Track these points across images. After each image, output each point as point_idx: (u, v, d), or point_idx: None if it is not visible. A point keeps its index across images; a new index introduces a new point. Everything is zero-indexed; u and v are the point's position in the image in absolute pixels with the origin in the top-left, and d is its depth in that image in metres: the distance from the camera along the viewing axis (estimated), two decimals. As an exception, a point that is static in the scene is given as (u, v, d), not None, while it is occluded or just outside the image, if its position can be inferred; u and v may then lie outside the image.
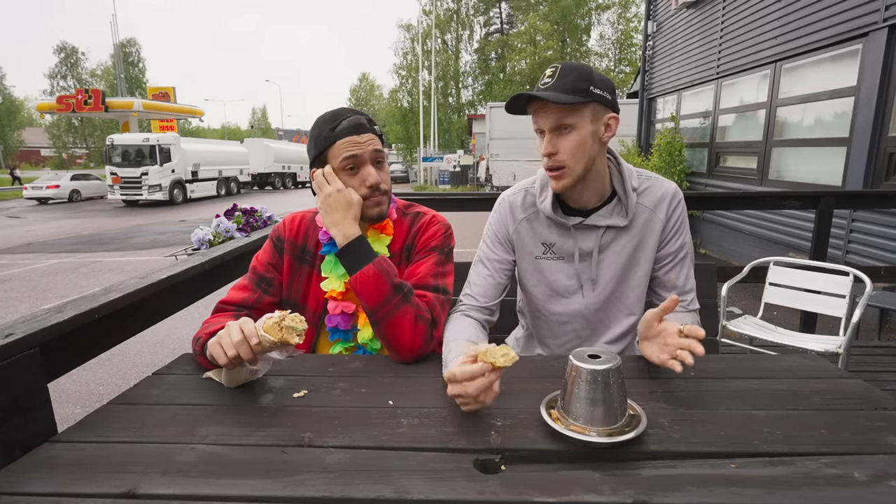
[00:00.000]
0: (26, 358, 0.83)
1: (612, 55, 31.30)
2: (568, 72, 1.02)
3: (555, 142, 1.06)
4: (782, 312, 3.31)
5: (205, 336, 1.00)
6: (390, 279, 1.05)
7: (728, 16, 6.34)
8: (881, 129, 4.08)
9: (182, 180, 16.71)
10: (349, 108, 1.17)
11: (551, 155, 1.06)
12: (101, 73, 41.30)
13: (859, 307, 2.19)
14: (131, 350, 3.73)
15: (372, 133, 1.14)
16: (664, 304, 0.92)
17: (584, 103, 1.02)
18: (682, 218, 1.18)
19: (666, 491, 0.64)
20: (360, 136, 1.12)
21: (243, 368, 0.92)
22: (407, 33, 32.47)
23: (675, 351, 0.88)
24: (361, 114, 1.16)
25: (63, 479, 0.69)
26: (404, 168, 30.03)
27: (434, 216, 1.24)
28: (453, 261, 1.22)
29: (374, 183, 1.12)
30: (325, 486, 0.65)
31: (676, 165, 7.34)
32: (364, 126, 1.13)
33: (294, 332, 0.87)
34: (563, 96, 1.01)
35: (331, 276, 1.17)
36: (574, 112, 1.03)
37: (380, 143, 1.16)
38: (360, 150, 1.11)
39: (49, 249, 8.51)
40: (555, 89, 1.01)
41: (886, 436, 0.75)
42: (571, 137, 1.05)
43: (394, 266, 1.09)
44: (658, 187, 1.17)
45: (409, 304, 1.05)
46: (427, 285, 1.13)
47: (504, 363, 0.76)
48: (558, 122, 1.04)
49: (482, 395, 0.78)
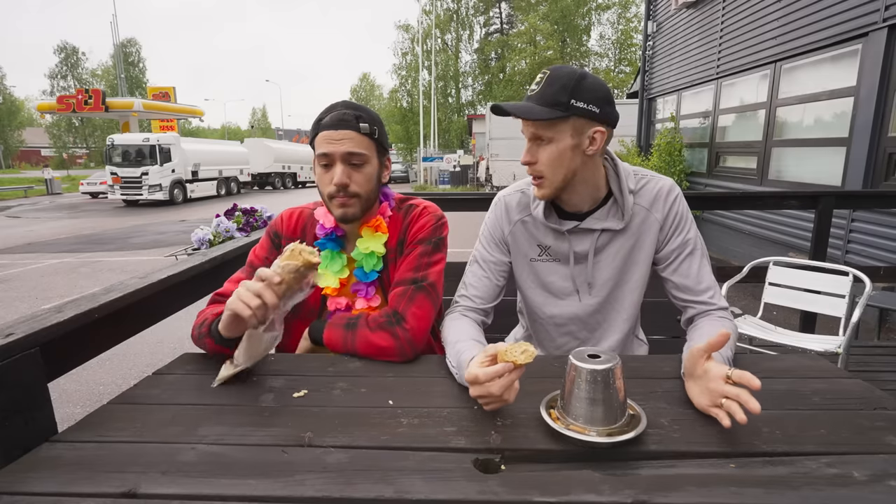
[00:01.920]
0: (26, 358, 0.82)
1: (612, 55, 31.31)
2: (553, 81, 0.99)
3: (534, 151, 1.05)
4: (782, 312, 3.30)
5: (211, 317, 1.00)
6: (339, 325, 1.10)
7: (728, 16, 6.34)
8: (881, 129, 4.08)
9: (182, 180, 16.70)
10: (349, 101, 1.14)
11: (530, 164, 1.06)
12: (102, 73, 41.31)
13: (859, 307, 2.19)
14: (131, 350, 3.73)
15: (353, 130, 1.09)
16: (712, 340, 0.80)
17: (563, 118, 0.99)
18: (680, 213, 1.12)
19: (666, 491, 0.64)
20: (336, 133, 1.08)
21: (264, 334, 0.93)
22: (406, 33, 32.49)
23: (720, 399, 0.77)
24: (357, 108, 1.12)
25: (63, 478, 0.69)
26: (404, 168, 30.03)
27: (425, 207, 1.22)
28: (445, 250, 1.20)
29: (337, 182, 1.09)
30: (325, 485, 0.66)
31: (676, 165, 7.34)
32: (347, 122, 1.09)
33: (311, 252, 0.90)
34: (536, 110, 0.98)
35: (326, 272, 1.17)
36: (551, 126, 1.01)
37: (365, 141, 1.11)
38: (333, 148, 1.09)
39: (49, 249, 8.51)
40: (536, 100, 0.99)
41: (886, 436, 0.75)
42: (549, 150, 1.03)
43: (339, 315, 1.14)
44: (654, 185, 1.13)
45: (360, 327, 1.08)
46: (404, 280, 1.13)
47: (525, 360, 0.76)
48: (536, 135, 1.03)
49: (506, 393, 0.78)
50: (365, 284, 1.18)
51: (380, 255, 1.17)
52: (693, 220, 1.15)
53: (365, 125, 1.10)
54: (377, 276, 1.18)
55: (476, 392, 0.80)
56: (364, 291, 1.18)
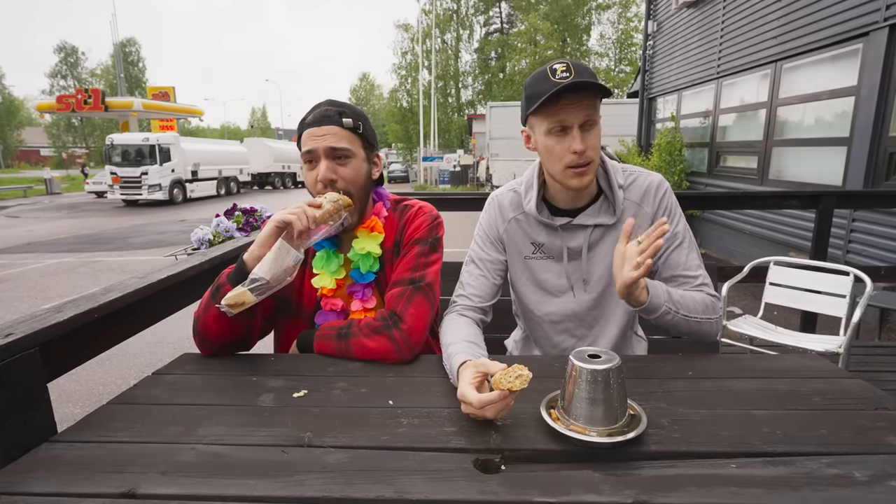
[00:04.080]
0: (26, 358, 0.82)
1: (612, 55, 31.28)
2: (580, 68, 1.00)
3: (584, 138, 1.02)
4: (782, 312, 3.30)
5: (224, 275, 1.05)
6: (330, 336, 1.09)
7: (728, 15, 6.34)
8: (881, 129, 4.08)
9: (182, 180, 16.69)
10: (333, 100, 1.14)
11: (583, 151, 1.02)
12: (101, 72, 41.29)
13: (859, 307, 2.19)
14: (131, 350, 3.73)
15: (336, 125, 1.08)
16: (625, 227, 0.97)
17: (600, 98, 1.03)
18: (669, 207, 1.14)
19: (666, 491, 0.64)
20: (319, 129, 1.08)
21: (292, 249, 0.99)
22: (405, 33, 32.46)
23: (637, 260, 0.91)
24: (341, 105, 1.12)
25: (63, 479, 0.69)
26: (404, 168, 30.00)
27: (420, 207, 1.22)
28: (441, 250, 1.20)
29: (322, 178, 1.08)
30: (325, 486, 0.65)
31: (676, 165, 7.34)
32: (329, 118, 1.08)
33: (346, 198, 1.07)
34: (606, 87, 1.00)
35: (322, 273, 1.17)
36: (597, 106, 1.04)
37: (348, 136, 1.10)
38: (315, 144, 1.08)
39: (49, 249, 8.51)
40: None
41: (886, 436, 0.75)
42: (595, 132, 1.04)
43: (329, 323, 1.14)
44: (643, 180, 1.15)
45: (353, 336, 1.07)
46: (402, 280, 1.13)
47: (521, 386, 0.75)
48: (589, 117, 1.02)
49: (500, 414, 0.79)
50: (361, 286, 1.17)
51: (376, 255, 1.17)
52: (682, 214, 1.17)
53: (348, 119, 1.10)
54: (374, 278, 1.18)
55: (468, 411, 0.80)
56: (360, 293, 1.17)
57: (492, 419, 0.79)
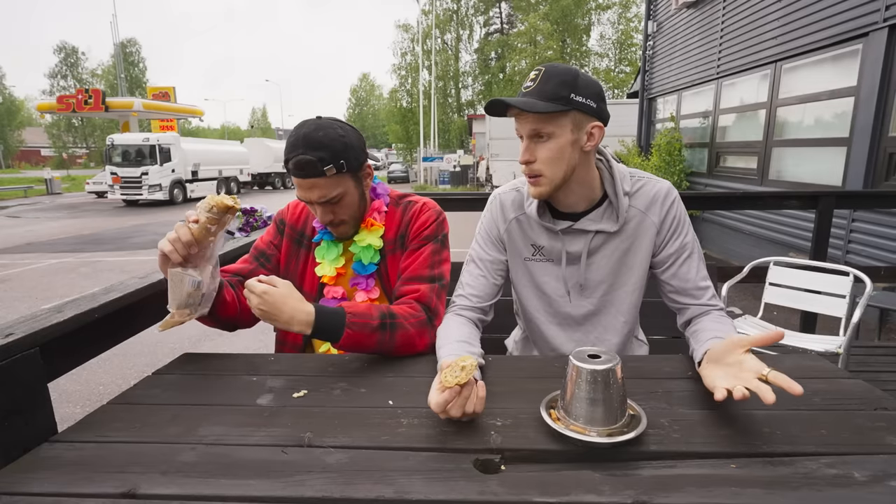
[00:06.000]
0: (26, 358, 0.82)
1: (612, 55, 31.26)
2: (550, 76, 0.98)
3: (532, 149, 1.03)
4: (782, 312, 3.30)
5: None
6: (369, 326, 1.03)
7: (728, 16, 6.34)
8: (881, 129, 4.08)
9: (182, 180, 16.69)
10: (309, 134, 1.06)
11: (528, 163, 1.04)
12: (102, 72, 41.29)
13: (859, 307, 2.18)
14: (131, 350, 3.72)
15: (319, 177, 1.06)
16: (761, 335, 0.81)
17: (564, 112, 0.98)
18: (678, 217, 1.12)
19: (666, 491, 0.64)
20: (304, 181, 1.08)
21: (185, 275, 0.96)
22: (405, 33, 32.44)
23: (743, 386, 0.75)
24: (318, 146, 1.05)
25: (63, 479, 0.69)
26: (404, 168, 30.02)
27: (425, 203, 1.25)
28: (449, 247, 1.24)
29: (322, 223, 1.18)
30: (325, 486, 0.65)
31: (676, 165, 7.34)
32: (312, 168, 1.05)
33: (229, 198, 0.96)
34: (539, 104, 0.97)
35: (324, 262, 1.21)
36: (552, 120, 0.99)
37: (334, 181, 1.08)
38: (307, 196, 1.12)
39: (49, 249, 8.51)
40: (535, 95, 0.98)
41: (886, 436, 0.75)
42: (549, 146, 1.01)
43: (362, 305, 1.08)
44: (650, 188, 1.12)
45: (400, 328, 1.05)
46: (422, 276, 1.15)
47: (466, 378, 0.75)
48: (535, 130, 1.01)
49: (467, 408, 0.77)
50: (364, 277, 1.21)
51: (377, 248, 1.20)
52: (690, 223, 1.15)
53: (329, 167, 1.06)
54: (375, 269, 1.21)
55: (441, 416, 0.78)
56: (364, 284, 1.20)
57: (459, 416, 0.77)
